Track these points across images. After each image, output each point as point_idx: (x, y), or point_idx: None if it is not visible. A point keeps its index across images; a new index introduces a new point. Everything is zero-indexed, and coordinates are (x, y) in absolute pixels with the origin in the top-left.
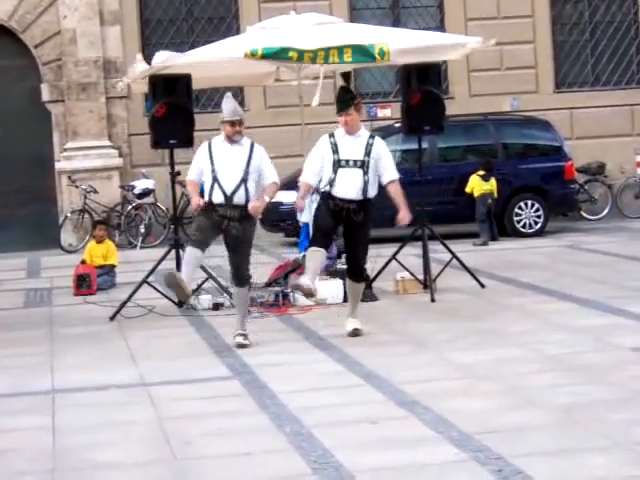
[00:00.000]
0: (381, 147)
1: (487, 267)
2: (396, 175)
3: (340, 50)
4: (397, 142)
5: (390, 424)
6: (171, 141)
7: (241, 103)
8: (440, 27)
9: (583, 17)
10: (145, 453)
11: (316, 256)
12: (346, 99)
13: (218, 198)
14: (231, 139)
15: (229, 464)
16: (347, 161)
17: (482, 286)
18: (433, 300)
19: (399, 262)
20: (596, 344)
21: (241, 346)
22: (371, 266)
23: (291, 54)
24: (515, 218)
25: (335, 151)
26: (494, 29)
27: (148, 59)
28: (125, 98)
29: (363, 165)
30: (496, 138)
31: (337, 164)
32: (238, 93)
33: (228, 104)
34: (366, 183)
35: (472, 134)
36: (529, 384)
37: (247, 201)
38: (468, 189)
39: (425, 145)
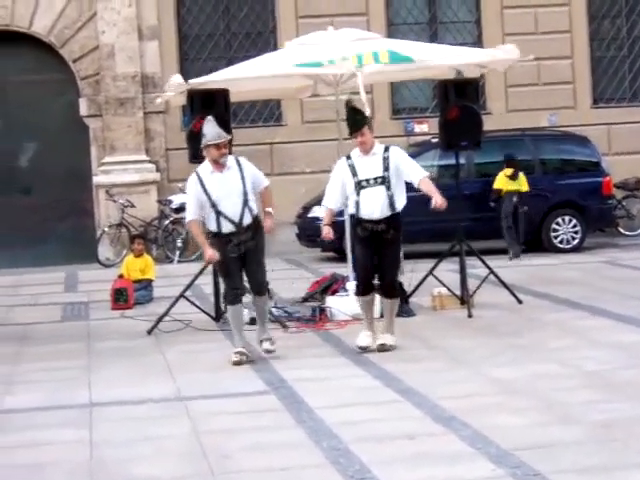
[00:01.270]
0: (398, 155)
1: (524, 283)
2: (424, 172)
3: (375, 53)
4: (434, 157)
5: (427, 440)
6: None
7: (278, 118)
8: (477, 43)
9: (621, 32)
10: (182, 467)
11: (368, 306)
12: (358, 119)
13: (227, 228)
14: (217, 162)
15: (266, 479)
16: (367, 180)
17: (519, 302)
18: (470, 316)
19: (436, 277)
20: (633, 360)
21: (269, 352)
22: (408, 281)
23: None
24: (553, 234)
25: (354, 173)
26: (532, 44)
27: (186, 73)
28: (162, 113)
29: (384, 181)
30: (534, 154)
31: (358, 185)
32: (275, 108)
33: (211, 128)
34: (391, 197)
35: (509, 150)
36: (566, 400)
37: (254, 216)
38: (496, 186)
39: (462, 160)
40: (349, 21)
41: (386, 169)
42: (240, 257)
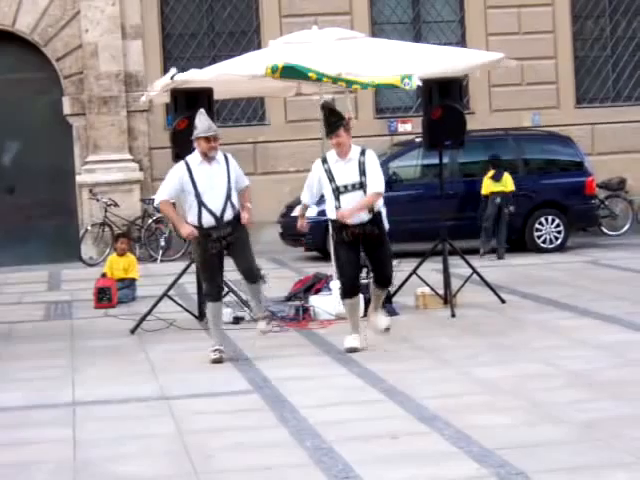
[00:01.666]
0: (371, 160)
1: (508, 282)
2: (378, 189)
3: (364, 85)
4: (418, 157)
5: (411, 439)
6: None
7: (262, 117)
8: (461, 42)
9: (604, 33)
10: (166, 466)
11: (354, 309)
12: (334, 121)
13: (208, 222)
14: (207, 155)
15: (249, 478)
16: (345, 187)
17: (503, 302)
18: (453, 315)
19: (420, 277)
20: (617, 360)
21: (264, 332)
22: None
23: (310, 75)
24: (536, 233)
25: (332, 179)
26: (515, 45)
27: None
28: (146, 112)
29: (362, 186)
30: (517, 153)
31: (337, 191)
32: (259, 107)
33: (202, 120)
34: None
35: (493, 149)
36: (550, 400)
37: (234, 213)
38: (483, 192)
39: (446, 160)
40: (333, 20)
41: (363, 174)
42: (220, 253)
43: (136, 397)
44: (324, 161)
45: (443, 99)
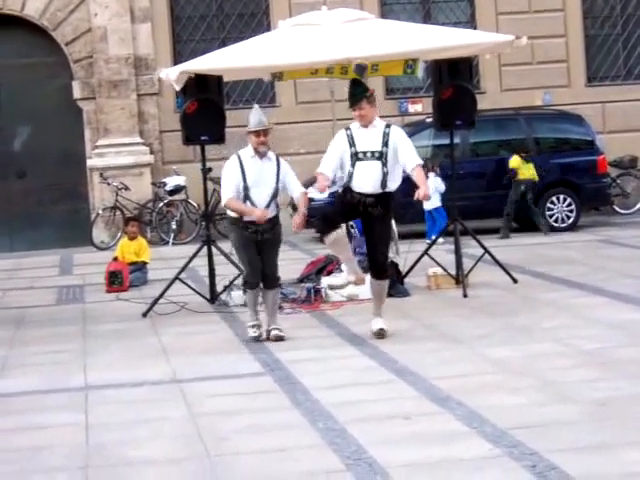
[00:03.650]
0: (399, 135)
1: (519, 262)
2: (419, 160)
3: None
4: (429, 137)
5: (423, 420)
6: (202, 137)
7: (272, 99)
8: (470, 21)
9: (615, 10)
10: (178, 450)
11: (338, 241)
12: (357, 92)
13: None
14: (257, 150)
15: (262, 460)
16: (365, 153)
17: (515, 281)
18: (465, 295)
19: (431, 257)
20: (630, 339)
21: (279, 338)
22: (403, 261)
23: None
24: (547, 212)
25: (352, 144)
26: (525, 23)
27: (179, 55)
28: (156, 95)
29: (381, 156)
30: (528, 133)
31: (355, 157)
32: (269, 89)
33: (254, 115)
34: (385, 175)
35: (504, 129)
36: (563, 379)
37: (277, 213)
38: (512, 165)
39: (457, 140)
40: (342, 1)
41: (385, 144)
42: (257, 244)
43: (148, 380)
44: (347, 129)
45: (453, 79)
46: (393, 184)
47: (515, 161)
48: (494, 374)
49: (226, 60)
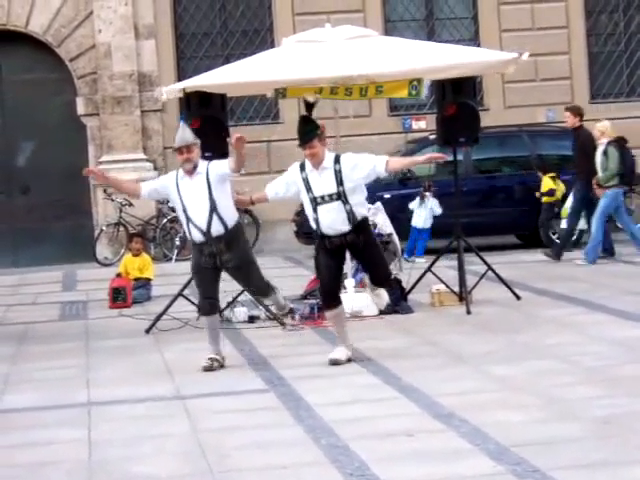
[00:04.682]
0: (350, 162)
1: (523, 279)
2: (384, 157)
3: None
4: None
5: (426, 437)
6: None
7: (275, 116)
8: (474, 39)
9: (618, 28)
10: (181, 466)
11: (338, 318)
12: (307, 131)
13: (197, 237)
14: (183, 168)
15: (265, 477)
16: (322, 197)
17: (518, 298)
18: (469, 312)
19: (435, 274)
20: (633, 356)
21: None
22: (406, 278)
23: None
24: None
25: (309, 189)
26: (529, 40)
27: (183, 72)
28: (160, 111)
29: (340, 196)
30: (531, 149)
31: (314, 202)
32: (272, 106)
33: (178, 132)
34: (349, 212)
35: (507, 146)
36: (566, 396)
37: (226, 228)
38: (549, 187)
39: (460, 157)
40: (346, 18)
41: (340, 183)
42: (215, 269)
43: (151, 397)
44: (302, 169)
45: (457, 96)
46: (360, 214)
47: (549, 183)
48: (497, 391)
49: (229, 76)
